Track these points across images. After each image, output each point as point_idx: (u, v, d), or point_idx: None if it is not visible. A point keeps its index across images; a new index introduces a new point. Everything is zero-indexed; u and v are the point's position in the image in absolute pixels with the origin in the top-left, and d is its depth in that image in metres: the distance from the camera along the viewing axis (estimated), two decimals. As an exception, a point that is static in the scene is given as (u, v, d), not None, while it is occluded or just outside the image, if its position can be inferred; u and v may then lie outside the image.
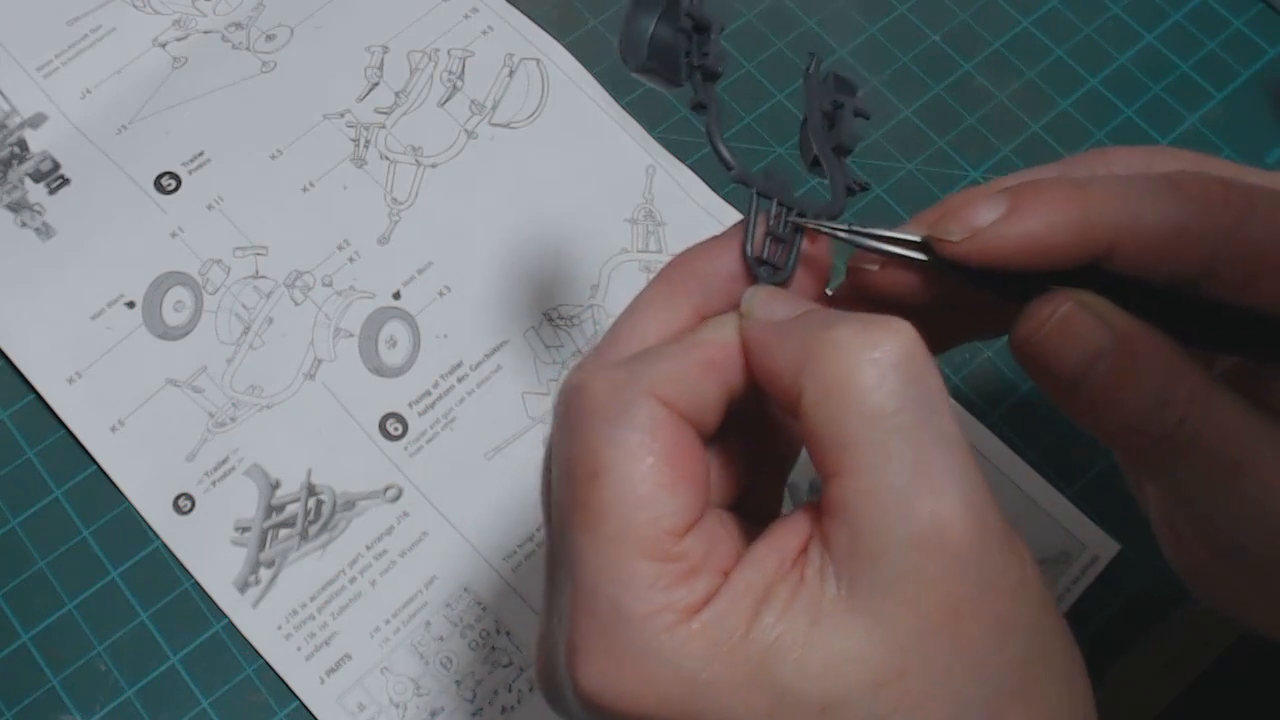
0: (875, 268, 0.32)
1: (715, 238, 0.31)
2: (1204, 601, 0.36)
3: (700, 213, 0.50)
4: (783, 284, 0.31)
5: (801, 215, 0.32)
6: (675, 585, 0.27)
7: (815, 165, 0.33)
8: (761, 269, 0.31)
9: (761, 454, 0.31)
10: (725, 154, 0.31)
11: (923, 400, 0.27)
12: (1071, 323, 0.30)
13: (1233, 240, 0.30)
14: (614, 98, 0.53)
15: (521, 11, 0.54)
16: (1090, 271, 0.31)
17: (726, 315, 0.30)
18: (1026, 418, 0.47)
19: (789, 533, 0.28)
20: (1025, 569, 0.27)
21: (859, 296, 0.32)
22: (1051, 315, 0.30)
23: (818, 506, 0.28)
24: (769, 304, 0.30)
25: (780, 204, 0.32)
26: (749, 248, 0.31)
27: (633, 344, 0.30)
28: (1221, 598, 0.36)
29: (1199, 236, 0.30)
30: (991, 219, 0.30)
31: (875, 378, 0.26)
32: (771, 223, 0.31)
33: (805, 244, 0.32)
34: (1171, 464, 0.31)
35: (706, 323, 0.30)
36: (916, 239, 0.31)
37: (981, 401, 0.47)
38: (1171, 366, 0.31)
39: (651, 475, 0.27)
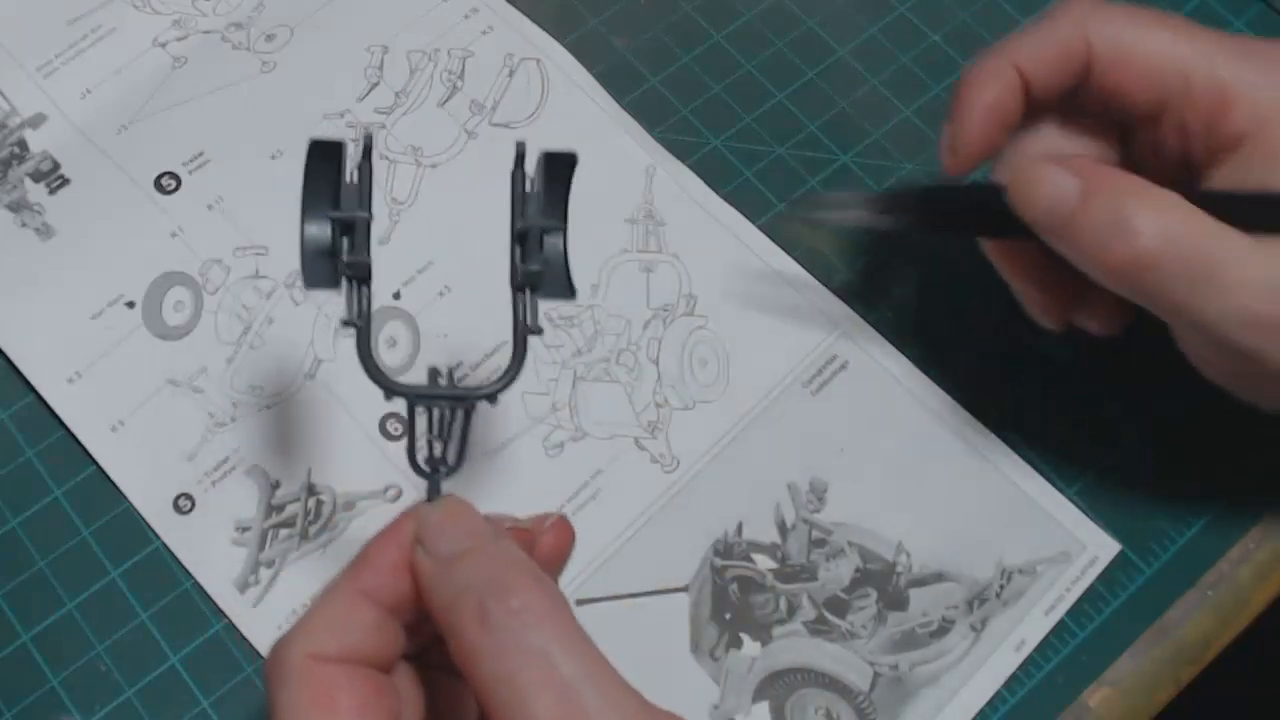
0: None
1: (386, 527, 0.33)
2: (1240, 396, 0.41)
3: (700, 213, 0.50)
4: (454, 472, 0.33)
5: (463, 405, 0.33)
6: None
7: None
8: (434, 474, 0.33)
9: None
10: (378, 374, 0.34)
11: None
12: (1031, 170, 0.38)
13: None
14: (614, 98, 0.53)
15: (521, 11, 0.54)
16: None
17: (396, 527, 0.33)
18: (1026, 418, 0.47)
19: None
20: None
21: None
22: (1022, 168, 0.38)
23: None
24: (439, 535, 0.32)
25: (437, 405, 0.33)
26: (416, 456, 0.33)
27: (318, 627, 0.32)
28: (1245, 390, 0.40)
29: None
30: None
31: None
32: (434, 427, 0.33)
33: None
34: (1168, 279, 0.35)
35: (372, 540, 0.33)
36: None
37: (981, 402, 0.47)
38: (1141, 188, 0.36)
39: None
